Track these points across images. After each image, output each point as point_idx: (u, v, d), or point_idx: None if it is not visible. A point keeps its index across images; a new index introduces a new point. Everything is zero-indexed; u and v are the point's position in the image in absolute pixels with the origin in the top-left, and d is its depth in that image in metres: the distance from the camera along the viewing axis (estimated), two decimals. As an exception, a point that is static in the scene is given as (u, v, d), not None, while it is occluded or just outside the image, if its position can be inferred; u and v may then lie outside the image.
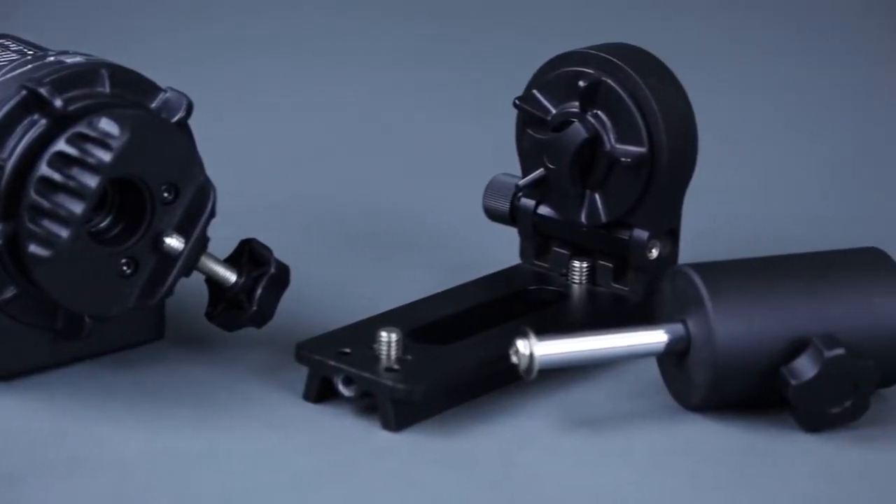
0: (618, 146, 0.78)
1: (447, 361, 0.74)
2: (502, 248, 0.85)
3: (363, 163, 1.04)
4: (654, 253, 0.79)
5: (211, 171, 0.75)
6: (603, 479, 0.70)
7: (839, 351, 0.71)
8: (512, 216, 0.82)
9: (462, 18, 1.31)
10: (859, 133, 1.11)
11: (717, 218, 0.94)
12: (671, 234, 0.80)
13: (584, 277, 0.81)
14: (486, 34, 1.28)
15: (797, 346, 0.72)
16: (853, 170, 1.05)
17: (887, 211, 0.98)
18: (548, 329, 0.73)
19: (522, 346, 0.72)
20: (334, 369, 0.73)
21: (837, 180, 1.03)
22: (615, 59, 0.78)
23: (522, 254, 0.83)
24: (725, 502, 0.68)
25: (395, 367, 0.73)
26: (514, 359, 0.72)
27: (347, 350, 0.73)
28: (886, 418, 0.74)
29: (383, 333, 0.73)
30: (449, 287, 0.80)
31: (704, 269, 0.74)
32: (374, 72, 1.20)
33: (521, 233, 0.83)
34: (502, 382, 0.75)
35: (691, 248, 0.82)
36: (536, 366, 0.72)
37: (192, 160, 0.74)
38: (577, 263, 0.81)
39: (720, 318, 0.72)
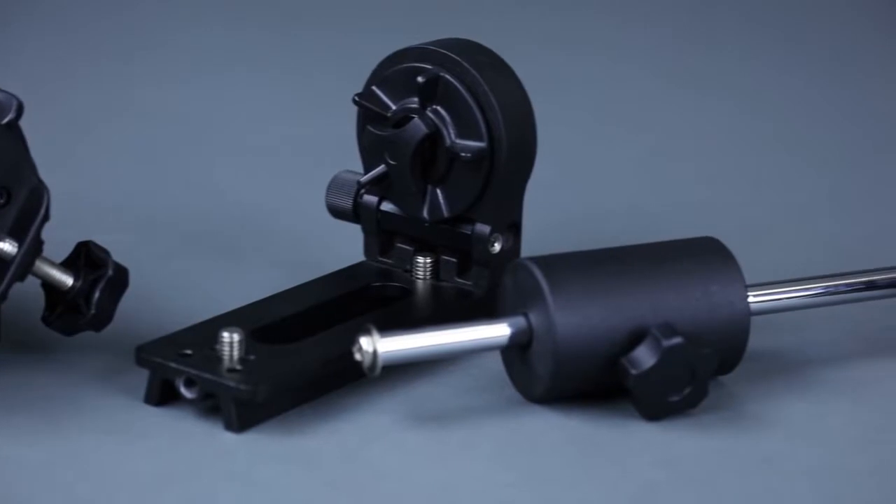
0: (458, 141, 0.78)
1: (290, 360, 0.74)
2: (347, 246, 0.84)
3: (203, 162, 1.03)
4: (497, 247, 0.80)
5: (45, 173, 0.74)
6: (447, 473, 0.70)
7: (677, 340, 0.72)
8: (355, 213, 0.82)
9: (298, 15, 1.31)
10: (686, 123, 1.12)
11: (558, 211, 0.95)
12: (513, 228, 0.80)
13: (428, 273, 0.81)
14: (324, 31, 1.29)
15: (636, 336, 0.72)
16: (684, 160, 1.06)
17: (718, 200, 0.99)
18: (392, 325, 0.73)
19: (366, 343, 0.72)
20: (175, 371, 0.72)
21: (670, 170, 1.04)
22: (453, 55, 0.78)
23: (366, 250, 0.83)
24: (568, 493, 0.68)
25: (238, 367, 0.72)
26: (357, 356, 0.72)
27: (188, 352, 0.73)
28: (725, 405, 0.75)
29: (225, 334, 0.72)
30: (293, 286, 0.81)
31: (545, 261, 0.74)
32: (214, 72, 1.19)
33: (364, 229, 0.83)
34: (347, 380, 0.75)
35: (534, 242, 0.82)
36: (380, 363, 0.72)
37: (23, 163, 0.73)
38: (420, 259, 0.81)
39: (560, 310, 0.72)
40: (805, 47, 1.25)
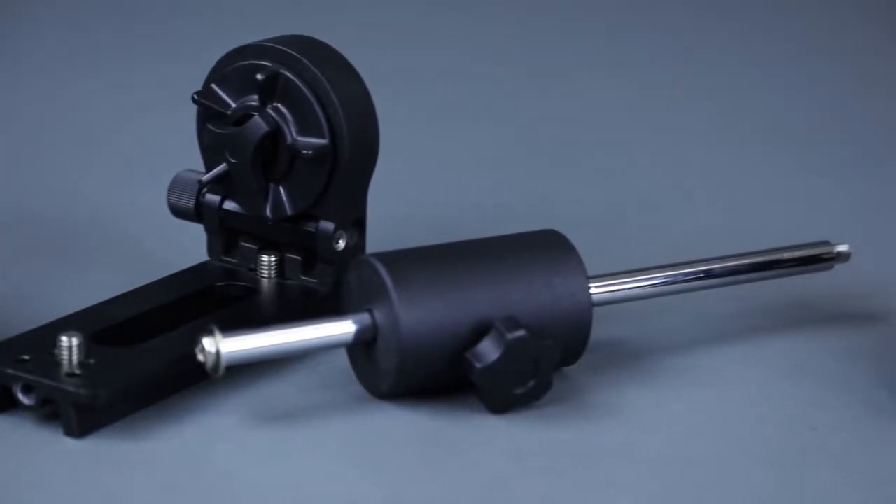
0: (299, 139, 0.78)
1: (132, 363, 0.73)
2: (190, 246, 0.84)
3: (39, 164, 1.02)
4: (342, 244, 0.80)
5: None
6: (293, 473, 0.69)
7: (521, 333, 0.73)
8: (197, 213, 0.82)
9: (136, 13, 1.30)
10: (528, 118, 1.13)
11: (403, 207, 0.95)
12: (358, 225, 0.80)
13: (272, 271, 0.80)
14: (161, 27, 1.27)
15: (481, 330, 0.73)
16: (526, 154, 1.07)
17: (560, 193, 1.00)
18: (237, 325, 0.72)
19: (208, 343, 0.71)
20: (12, 377, 0.71)
21: (512, 164, 1.05)
22: (292, 51, 0.78)
23: (210, 250, 0.82)
24: (415, 488, 0.68)
25: (77, 371, 0.71)
26: (200, 357, 0.71)
27: (26, 357, 0.72)
28: (569, 396, 0.75)
29: (64, 338, 0.71)
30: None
31: (388, 257, 0.74)
32: (51, 73, 1.17)
33: (207, 229, 0.82)
34: (191, 381, 0.75)
35: (379, 238, 0.82)
36: (223, 363, 0.71)
37: None
38: (265, 258, 0.80)
39: (405, 306, 0.73)
40: (644, 46, 1.27)
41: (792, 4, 1.30)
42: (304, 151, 0.78)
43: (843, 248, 0.83)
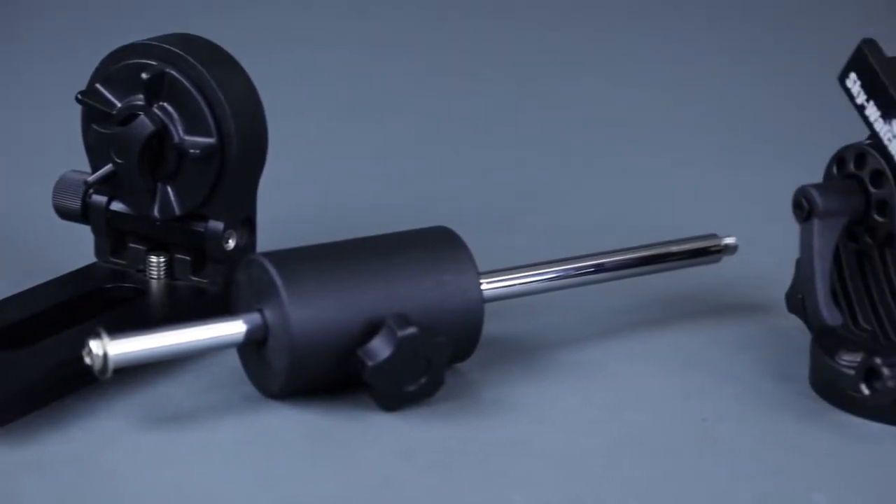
0: (186, 138, 0.77)
1: (18, 367, 0.71)
2: (78, 248, 0.83)
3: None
4: (231, 243, 0.79)
5: None
6: (185, 475, 0.69)
7: (411, 330, 0.73)
8: (84, 214, 0.81)
9: (19, 9, 1.28)
10: (420, 117, 1.13)
11: (295, 205, 0.95)
12: (247, 224, 0.80)
13: (162, 272, 0.80)
14: (44, 24, 1.26)
15: (372, 328, 0.73)
16: (418, 153, 1.07)
17: (451, 190, 1.00)
18: (127, 327, 0.71)
19: (95, 346, 0.70)
20: None
21: (404, 162, 1.05)
22: (178, 50, 0.77)
23: (98, 252, 0.81)
24: (306, 488, 0.68)
25: (-39, 376, 0.71)
26: (88, 360, 0.70)
27: (-90, 361, 0.72)
28: (462, 392, 0.75)
29: (-53, 343, 0.72)
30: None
31: (278, 256, 0.74)
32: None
33: (94, 230, 0.81)
34: (81, 384, 0.74)
35: (270, 237, 0.81)
36: (111, 365, 0.70)
37: None
38: (154, 258, 0.80)
39: (295, 305, 0.72)
40: (532, 41, 1.28)
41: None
42: (192, 151, 0.77)
43: (730, 240, 0.84)
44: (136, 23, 1.14)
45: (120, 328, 0.71)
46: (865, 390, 0.72)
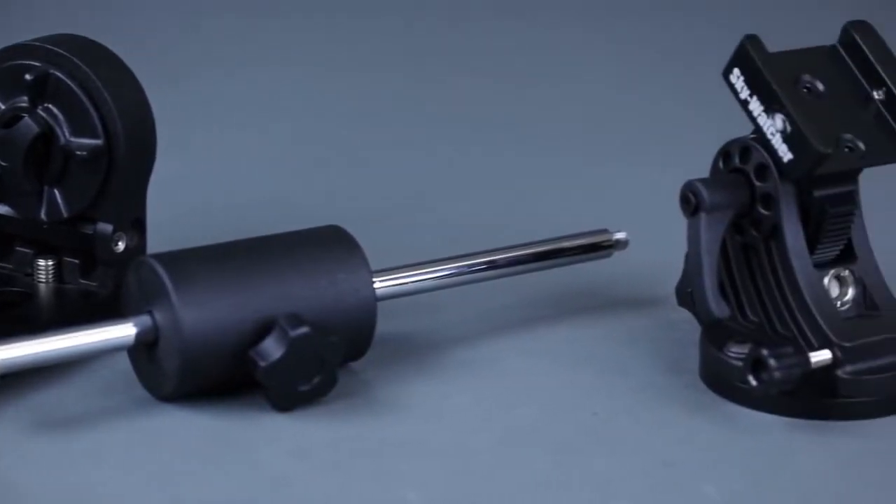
0: (72, 139, 0.77)
1: None
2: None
3: None
4: (121, 245, 0.78)
5: None
6: (77, 479, 0.68)
7: (304, 329, 0.72)
8: (-33, 218, 0.82)
9: None
10: (311, 117, 1.12)
11: (186, 205, 0.94)
12: (137, 225, 0.79)
13: (50, 276, 0.79)
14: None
15: (264, 328, 0.72)
16: (311, 150, 1.06)
17: (345, 188, 0.99)
18: (14, 331, 0.70)
19: (-18, 351, 0.71)
20: None
21: (297, 160, 1.04)
22: (62, 51, 0.77)
23: (-16, 256, 0.82)
24: (200, 490, 0.67)
25: None
26: (-27, 366, 0.71)
27: None
28: (356, 391, 0.75)
29: None
30: None
31: (168, 257, 0.73)
32: None
33: (-20, 234, 0.82)
34: (-33, 391, 0.74)
35: (160, 238, 0.80)
36: (-2, 370, 0.71)
37: None
38: (42, 262, 0.79)
39: (185, 306, 0.72)
40: (423, 41, 1.28)
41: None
42: (78, 153, 0.76)
43: (620, 235, 0.85)
44: (27, 23, 1.13)
45: (7, 333, 0.70)
46: (753, 381, 0.72)
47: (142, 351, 0.74)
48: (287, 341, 0.72)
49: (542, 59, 1.23)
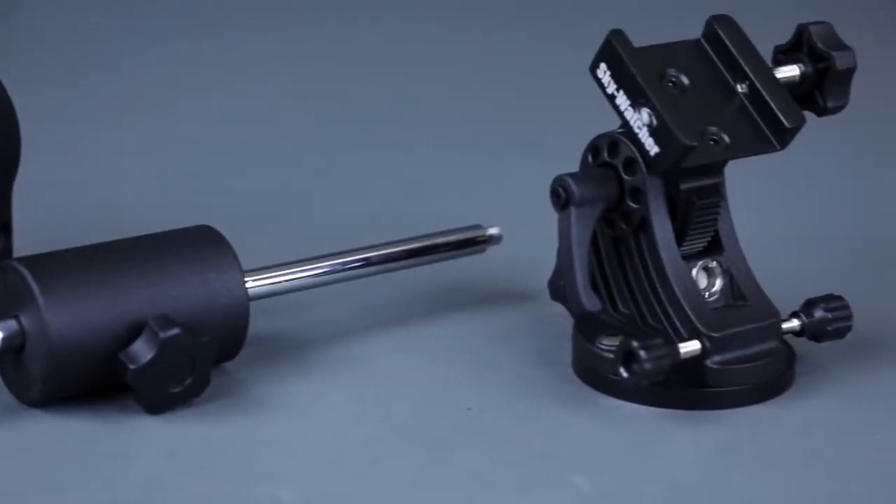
0: (-65, 143, 0.77)
1: None
2: None
3: None
4: (-13, 250, 0.79)
5: None
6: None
7: (174, 331, 0.72)
8: None
9: None
10: (178, 116, 1.11)
11: (54, 208, 0.93)
12: (3, 229, 0.78)
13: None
14: None
15: (135, 330, 0.72)
16: (182, 151, 1.05)
17: (215, 190, 0.98)
18: None
19: None
20: None
21: (167, 161, 1.03)
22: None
23: None
24: (69, 495, 0.66)
25: None
26: None
27: None
28: (229, 392, 0.75)
29: None
30: None
31: (34, 261, 0.73)
32: None
33: None
34: None
35: (27, 242, 0.79)
36: None
37: None
38: None
39: (52, 310, 0.71)
40: (286, 42, 1.28)
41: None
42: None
43: (494, 231, 0.85)
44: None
45: None
46: (624, 373, 0.73)
47: (8, 356, 0.73)
48: (157, 343, 0.71)
49: (410, 55, 1.23)
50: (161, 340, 0.72)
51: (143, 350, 0.72)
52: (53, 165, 0.98)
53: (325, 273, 0.80)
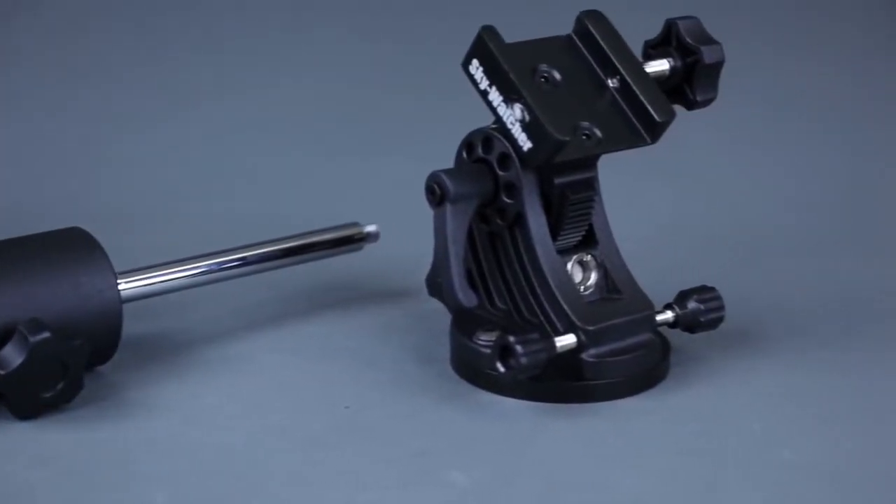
0: None
1: None
2: None
3: None
4: None
5: None
6: None
7: (45, 335, 0.71)
8: None
9: None
10: (48, 116, 1.09)
11: None
12: None
13: None
14: None
15: (4, 335, 0.71)
16: (51, 151, 1.03)
17: (87, 191, 0.97)
18: None
19: None
20: None
21: (35, 163, 1.01)
22: None
23: None
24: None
25: None
26: None
27: None
28: (104, 395, 0.74)
29: None
30: None
31: None
32: None
33: None
34: None
35: None
36: None
37: None
38: None
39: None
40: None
41: None
42: None
43: (371, 228, 0.85)
44: None
45: None
46: (501, 368, 0.73)
47: None
48: (27, 348, 0.70)
49: (281, 55, 1.22)
50: (31, 345, 0.70)
51: (12, 355, 0.70)
52: None
53: (200, 273, 0.80)
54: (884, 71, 1.15)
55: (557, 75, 0.76)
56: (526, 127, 0.74)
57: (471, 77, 0.76)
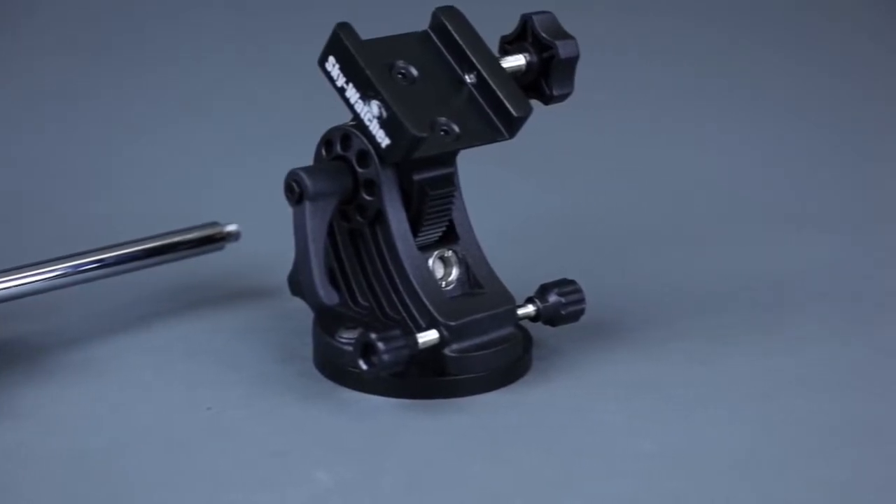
0: None
1: None
2: None
3: None
4: None
5: None
6: None
7: None
8: None
9: None
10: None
11: None
12: None
13: None
14: None
15: None
16: None
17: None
18: None
19: None
20: None
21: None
22: None
23: None
24: None
25: None
26: None
27: None
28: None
29: None
30: None
31: None
32: None
33: None
34: None
35: None
36: None
37: None
38: None
39: None
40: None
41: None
42: None
43: (232, 227, 0.84)
44: None
45: None
46: (363, 366, 0.73)
47: None
48: None
49: (142, 51, 1.21)
50: None
51: None
52: None
53: (59, 276, 0.78)
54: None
55: (414, 71, 0.76)
56: (383, 123, 0.74)
57: (327, 74, 0.75)
